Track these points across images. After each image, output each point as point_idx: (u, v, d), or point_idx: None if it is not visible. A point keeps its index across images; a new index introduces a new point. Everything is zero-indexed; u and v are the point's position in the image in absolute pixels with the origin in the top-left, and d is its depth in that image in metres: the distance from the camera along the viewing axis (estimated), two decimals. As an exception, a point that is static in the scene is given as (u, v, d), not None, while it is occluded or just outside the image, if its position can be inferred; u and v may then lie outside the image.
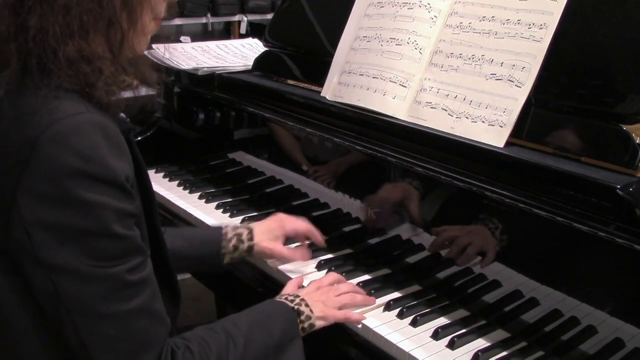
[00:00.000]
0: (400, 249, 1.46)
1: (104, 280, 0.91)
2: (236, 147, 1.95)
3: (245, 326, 1.12)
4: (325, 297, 1.27)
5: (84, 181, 0.87)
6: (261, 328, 1.14)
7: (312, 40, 1.84)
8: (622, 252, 1.05)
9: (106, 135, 0.90)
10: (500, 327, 1.26)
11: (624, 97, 1.20)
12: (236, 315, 1.16)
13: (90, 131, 0.89)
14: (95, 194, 0.88)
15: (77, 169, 0.87)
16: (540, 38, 1.28)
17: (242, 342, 1.08)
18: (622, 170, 1.14)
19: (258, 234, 1.44)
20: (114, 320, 0.92)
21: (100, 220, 0.89)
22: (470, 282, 1.33)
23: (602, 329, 1.12)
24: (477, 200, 1.26)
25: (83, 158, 0.87)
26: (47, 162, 0.87)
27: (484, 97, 1.33)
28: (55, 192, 0.87)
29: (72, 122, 0.88)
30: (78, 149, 0.87)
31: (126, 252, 0.93)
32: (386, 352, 1.23)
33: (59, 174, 0.87)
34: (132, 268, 0.93)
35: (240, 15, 4.50)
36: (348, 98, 1.57)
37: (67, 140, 0.87)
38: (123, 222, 0.92)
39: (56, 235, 0.88)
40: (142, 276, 0.95)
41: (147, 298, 0.95)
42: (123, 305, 0.92)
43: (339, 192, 1.60)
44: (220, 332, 1.08)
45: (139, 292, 0.94)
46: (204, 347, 1.03)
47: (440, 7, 1.47)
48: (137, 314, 0.94)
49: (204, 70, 2.01)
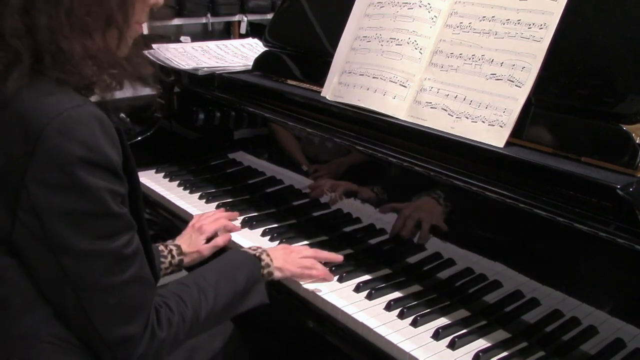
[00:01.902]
0: (401, 249, 1.46)
1: (106, 255, 1.01)
2: (236, 147, 1.95)
3: (214, 277, 1.24)
4: (287, 256, 1.42)
5: (87, 167, 0.96)
6: (228, 277, 1.26)
7: (312, 40, 1.84)
8: (622, 252, 1.05)
9: (102, 125, 0.99)
10: (501, 328, 1.26)
11: (624, 97, 1.20)
12: (204, 267, 1.30)
13: (90, 122, 0.98)
14: (97, 179, 0.97)
15: (81, 157, 0.95)
16: (540, 38, 1.28)
17: (212, 293, 1.21)
18: (622, 170, 1.14)
19: (184, 248, 1.57)
20: (114, 290, 1.03)
21: (101, 202, 0.98)
22: (471, 283, 1.33)
23: (603, 330, 1.12)
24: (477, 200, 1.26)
25: (86, 147, 0.96)
26: (54, 152, 0.95)
27: (484, 97, 1.33)
28: (62, 178, 0.95)
29: (74, 114, 0.96)
30: (81, 139, 0.96)
31: (122, 229, 1.03)
32: (387, 353, 1.23)
33: (65, 162, 0.95)
34: (127, 242, 1.03)
35: (240, 15, 4.50)
36: (348, 98, 1.57)
37: (71, 131, 0.95)
38: (117, 202, 1.01)
39: (65, 219, 0.97)
40: (134, 248, 1.05)
41: (138, 267, 1.06)
42: (121, 276, 1.03)
43: (339, 192, 1.60)
44: (192, 286, 1.20)
45: (133, 263, 1.04)
46: (180, 303, 1.15)
47: (440, 7, 1.47)
48: (132, 282, 1.04)
49: (204, 70, 2.01)
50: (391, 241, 1.49)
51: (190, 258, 1.56)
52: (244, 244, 1.58)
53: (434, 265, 1.39)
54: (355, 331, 1.29)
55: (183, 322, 1.14)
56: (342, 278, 1.42)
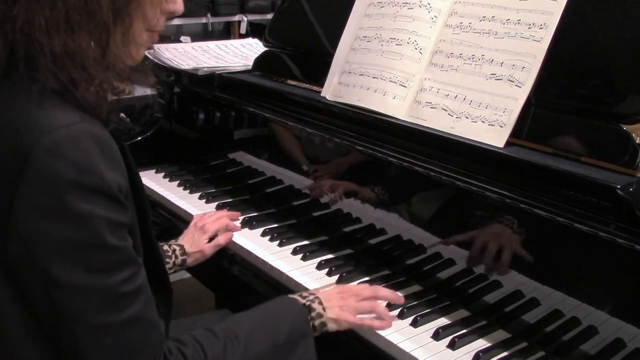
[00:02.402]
0: (401, 250, 1.46)
1: (99, 292, 0.91)
2: (236, 147, 1.95)
3: (249, 324, 1.11)
4: (343, 302, 1.25)
5: (80, 192, 0.87)
6: (267, 325, 1.13)
7: (312, 40, 1.84)
8: (622, 252, 1.04)
9: (100, 145, 0.90)
10: (501, 328, 1.26)
11: (624, 97, 1.20)
12: (243, 313, 1.16)
13: (85, 141, 0.88)
14: (90, 205, 0.88)
15: (73, 181, 0.86)
16: (540, 38, 1.28)
17: (242, 342, 1.07)
18: (622, 170, 1.14)
19: (187, 247, 1.55)
20: (110, 330, 0.93)
21: (94, 232, 0.89)
22: (471, 283, 1.32)
23: (603, 330, 1.12)
24: (478, 201, 1.26)
25: (78, 169, 0.87)
26: (43, 173, 0.86)
27: (484, 97, 1.33)
28: (51, 203, 0.87)
29: (66, 133, 0.87)
30: (73, 160, 0.87)
31: (120, 264, 0.93)
32: (387, 353, 1.23)
33: (55, 186, 0.86)
34: (126, 279, 0.93)
35: (240, 15, 4.50)
36: (348, 98, 1.57)
37: (63, 151, 0.86)
38: (116, 233, 0.92)
39: (53, 248, 0.88)
40: (135, 286, 0.95)
41: (140, 307, 0.95)
42: (118, 315, 0.93)
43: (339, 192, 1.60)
44: (220, 333, 1.08)
45: (132, 301, 0.94)
46: (199, 351, 1.03)
47: (440, 7, 1.47)
48: (131, 323, 0.94)
49: (204, 70, 2.01)
50: (391, 241, 1.49)
51: (193, 258, 1.55)
52: (245, 244, 1.58)
53: (434, 265, 1.39)
54: (355, 331, 1.29)
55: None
56: (342, 278, 1.42)
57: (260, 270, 1.52)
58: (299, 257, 1.52)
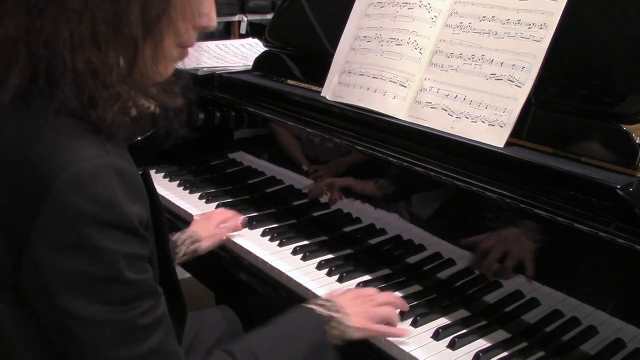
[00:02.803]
0: (401, 249, 1.46)
1: (116, 324, 0.88)
2: (236, 147, 1.95)
3: (268, 342, 1.09)
4: (361, 309, 1.22)
5: (99, 228, 0.84)
6: (285, 342, 1.10)
7: (312, 40, 1.84)
8: (622, 252, 1.04)
9: (123, 179, 0.87)
10: (501, 328, 1.26)
11: (624, 97, 1.20)
12: (260, 329, 1.13)
13: (107, 176, 0.85)
14: (110, 241, 0.85)
15: (93, 216, 0.84)
16: (540, 38, 1.28)
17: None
18: (622, 170, 1.14)
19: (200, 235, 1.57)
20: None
21: (113, 267, 0.86)
22: (471, 283, 1.33)
23: (602, 330, 1.12)
24: (478, 201, 1.26)
25: (99, 205, 0.84)
26: (63, 207, 0.83)
27: (484, 97, 1.33)
28: (70, 238, 0.84)
29: (89, 167, 0.84)
30: (94, 195, 0.83)
31: (138, 296, 0.90)
32: (387, 353, 1.23)
33: (75, 221, 0.83)
34: (145, 311, 0.90)
35: (240, 15, 4.50)
36: (348, 98, 1.57)
37: (84, 185, 0.83)
38: (135, 267, 0.89)
39: (69, 281, 0.86)
40: (154, 317, 0.92)
41: (160, 339, 0.93)
42: (136, 348, 0.90)
43: (339, 192, 1.60)
44: (238, 354, 1.04)
45: (151, 334, 0.91)
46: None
47: (440, 7, 1.47)
48: (150, 356, 0.92)
49: (204, 70, 2.01)
50: (391, 241, 1.49)
51: (209, 242, 1.57)
52: (245, 244, 1.58)
53: (434, 265, 1.39)
54: (355, 331, 1.29)
55: None
56: (342, 278, 1.42)
57: (260, 270, 1.52)
58: (299, 257, 1.52)
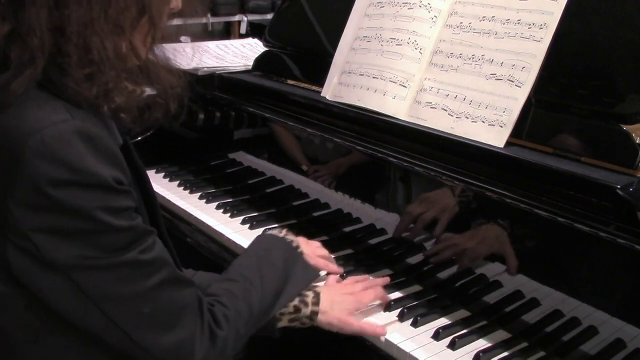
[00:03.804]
0: (401, 249, 1.46)
1: (120, 266, 0.92)
2: (236, 147, 1.95)
3: (255, 265, 1.20)
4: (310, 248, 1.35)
5: (72, 190, 0.86)
6: (266, 263, 1.21)
7: (312, 40, 1.84)
8: (622, 253, 1.04)
9: (90, 142, 0.88)
10: (501, 328, 1.26)
11: (624, 97, 1.20)
12: (241, 259, 1.25)
13: (73, 139, 0.87)
14: (85, 200, 0.87)
15: (63, 180, 0.86)
16: (540, 38, 1.28)
17: (258, 280, 1.16)
18: (622, 170, 1.14)
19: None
20: (143, 298, 0.94)
21: (96, 220, 0.88)
22: (471, 283, 1.33)
23: (603, 330, 1.12)
24: (477, 200, 1.26)
25: (66, 167, 0.86)
26: (32, 173, 0.85)
27: (484, 97, 1.33)
28: (45, 202, 0.86)
29: (54, 131, 0.86)
30: (62, 159, 0.85)
31: (134, 239, 0.93)
32: (387, 353, 1.23)
33: (46, 185, 0.85)
34: (143, 250, 0.94)
35: (240, 15, 4.50)
36: (348, 98, 1.57)
37: (51, 150, 0.85)
38: (122, 216, 0.92)
39: (60, 237, 0.88)
40: (155, 254, 0.96)
41: (165, 269, 0.97)
42: (145, 282, 0.94)
43: (339, 192, 1.60)
44: (239, 278, 1.16)
45: (156, 267, 0.96)
46: (232, 297, 1.10)
47: (440, 7, 1.47)
48: (162, 287, 0.96)
49: (204, 70, 2.01)
50: (391, 241, 1.49)
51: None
52: (246, 244, 1.57)
53: (434, 265, 1.39)
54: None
55: (239, 315, 1.09)
56: (342, 278, 1.42)
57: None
58: (299, 257, 1.52)
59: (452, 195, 1.31)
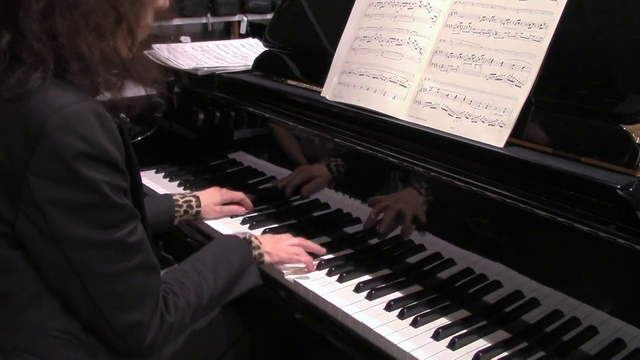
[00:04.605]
0: (401, 249, 1.46)
1: (111, 244, 1.03)
2: (236, 147, 1.95)
3: (211, 262, 1.29)
4: (275, 243, 1.47)
5: (87, 161, 0.98)
6: (223, 261, 1.32)
7: (312, 40, 1.84)
8: (622, 252, 1.04)
9: (102, 121, 1.01)
10: (501, 328, 1.26)
11: (624, 97, 1.20)
12: (199, 253, 1.33)
13: (90, 117, 0.99)
14: (96, 172, 0.99)
15: (81, 152, 0.97)
16: (540, 38, 1.28)
17: (211, 276, 1.26)
18: (622, 170, 1.14)
19: (204, 200, 1.71)
20: (120, 278, 1.05)
21: (101, 194, 1.00)
22: (471, 283, 1.33)
23: (603, 330, 1.12)
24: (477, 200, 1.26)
25: (85, 141, 0.98)
26: (55, 146, 0.97)
27: (484, 97, 1.33)
28: (62, 172, 0.97)
29: (75, 109, 0.98)
30: (81, 134, 0.98)
31: (125, 219, 1.05)
32: (387, 353, 1.23)
33: (66, 156, 0.97)
34: (130, 231, 1.05)
35: (240, 15, 4.49)
36: (348, 98, 1.57)
37: (72, 125, 0.97)
38: (118, 194, 1.03)
39: (67, 210, 0.99)
40: (138, 236, 1.07)
41: (143, 254, 1.08)
42: (127, 263, 1.05)
43: (339, 192, 1.60)
44: (192, 271, 1.25)
45: (137, 251, 1.07)
46: (184, 288, 1.19)
47: (440, 7, 1.47)
48: (138, 270, 1.07)
49: (204, 70, 2.01)
50: (391, 241, 1.48)
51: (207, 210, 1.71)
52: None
53: (434, 265, 1.39)
54: (355, 331, 1.29)
55: (188, 306, 1.18)
56: (342, 278, 1.42)
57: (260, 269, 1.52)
58: (299, 257, 1.52)
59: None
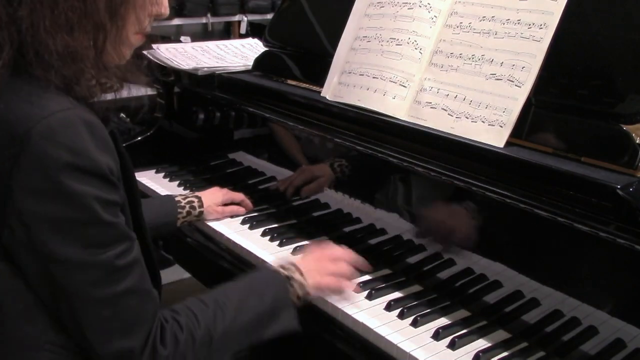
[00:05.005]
0: (401, 249, 1.46)
1: (96, 266, 0.96)
2: (236, 147, 1.95)
3: (237, 295, 1.17)
4: (319, 265, 1.30)
5: (73, 173, 0.92)
6: (253, 295, 1.18)
7: (312, 40, 1.84)
8: (622, 252, 1.04)
9: (91, 130, 0.95)
10: (501, 328, 1.26)
11: (624, 97, 1.20)
12: (229, 284, 1.21)
13: (77, 126, 0.94)
14: (83, 185, 0.93)
15: (67, 163, 0.92)
16: (540, 38, 1.28)
17: (232, 311, 1.13)
18: (622, 170, 1.14)
19: (206, 201, 1.69)
20: (107, 302, 0.98)
21: (89, 210, 0.94)
22: (471, 283, 1.33)
23: (603, 330, 1.12)
24: (477, 200, 1.26)
25: (71, 152, 0.92)
26: (39, 156, 0.91)
27: (484, 97, 1.33)
28: (47, 184, 0.92)
29: (60, 118, 0.93)
30: (67, 144, 0.92)
31: (114, 239, 0.98)
32: (387, 353, 1.23)
33: (50, 168, 0.91)
34: (121, 253, 0.98)
35: (240, 15, 4.50)
36: (348, 98, 1.57)
37: (57, 135, 0.92)
38: (109, 210, 0.97)
39: (50, 226, 0.93)
40: (130, 259, 1.00)
41: (136, 279, 1.01)
42: (114, 287, 0.98)
43: (339, 192, 1.60)
44: (210, 302, 1.13)
45: (128, 274, 1.00)
46: (192, 319, 1.09)
47: (440, 7, 1.47)
48: (127, 295, 1.00)
49: (204, 70, 2.00)
50: (392, 241, 1.49)
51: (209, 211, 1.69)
52: (245, 244, 1.58)
53: (434, 265, 1.39)
54: (355, 331, 1.29)
55: (192, 340, 1.07)
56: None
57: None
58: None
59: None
